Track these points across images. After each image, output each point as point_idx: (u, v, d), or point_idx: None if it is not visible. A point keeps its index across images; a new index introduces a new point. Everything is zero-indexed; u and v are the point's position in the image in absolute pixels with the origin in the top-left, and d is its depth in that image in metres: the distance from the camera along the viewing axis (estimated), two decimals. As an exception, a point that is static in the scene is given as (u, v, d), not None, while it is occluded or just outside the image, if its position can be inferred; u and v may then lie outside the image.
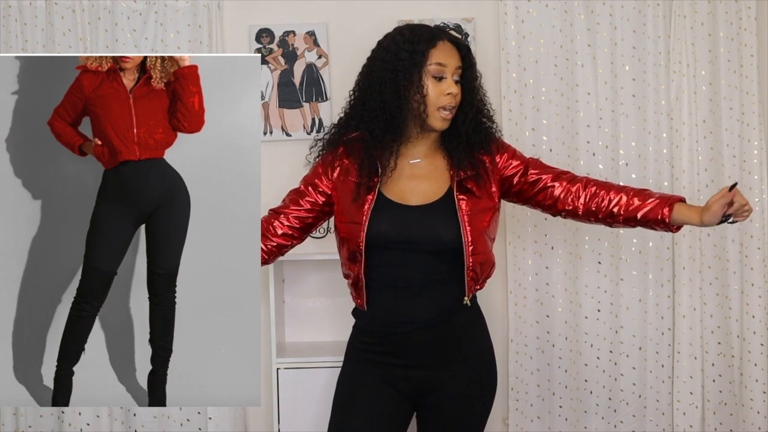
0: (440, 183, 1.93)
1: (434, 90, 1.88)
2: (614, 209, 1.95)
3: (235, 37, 2.81)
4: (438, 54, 1.88)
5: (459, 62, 1.91)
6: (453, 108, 1.90)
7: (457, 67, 1.91)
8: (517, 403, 2.77)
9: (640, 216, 1.93)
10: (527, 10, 2.74)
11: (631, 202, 1.94)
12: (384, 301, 1.93)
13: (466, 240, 1.87)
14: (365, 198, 1.91)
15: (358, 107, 1.95)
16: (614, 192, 1.96)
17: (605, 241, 2.74)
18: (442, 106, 1.89)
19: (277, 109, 2.80)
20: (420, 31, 1.91)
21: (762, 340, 2.71)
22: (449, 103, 1.89)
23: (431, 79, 1.88)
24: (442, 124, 1.91)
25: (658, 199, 1.93)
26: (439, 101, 1.88)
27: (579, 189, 1.98)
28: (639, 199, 1.94)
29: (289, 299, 2.82)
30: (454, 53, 1.91)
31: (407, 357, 1.93)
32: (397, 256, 1.89)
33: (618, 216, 1.95)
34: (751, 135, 2.72)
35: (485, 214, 1.91)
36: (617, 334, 2.76)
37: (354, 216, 1.91)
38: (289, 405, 2.55)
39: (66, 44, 2.71)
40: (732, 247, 2.73)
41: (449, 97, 1.88)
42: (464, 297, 1.92)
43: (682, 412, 2.74)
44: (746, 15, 2.72)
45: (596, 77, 2.74)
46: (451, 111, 1.90)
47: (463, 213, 1.88)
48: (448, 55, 1.90)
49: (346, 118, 2.00)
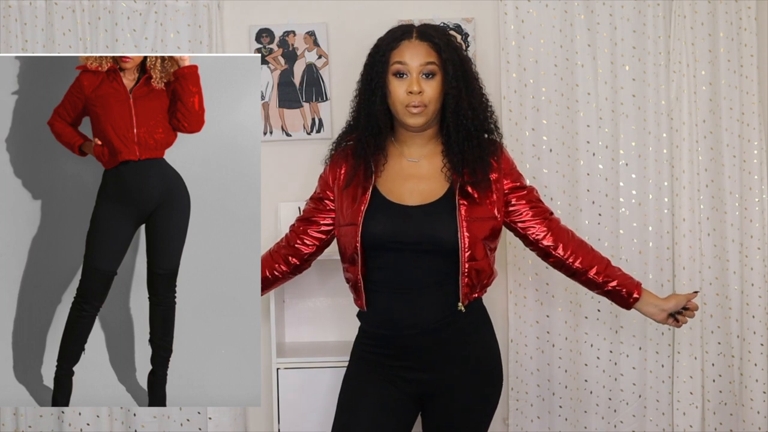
0: (439, 184, 1.92)
1: (398, 89, 1.88)
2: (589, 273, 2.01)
3: (235, 37, 2.81)
4: (399, 53, 1.89)
5: (427, 58, 1.88)
6: (419, 105, 1.88)
7: (423, 63, 1.88)
8: (517, 403, 2.77)
9: (610, 287, 2.00)
10: (527, 10, 2.74)
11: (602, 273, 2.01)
12: (384, 303, 1.92)
13: (463, 245, 1.86)
14: (361, 199, 1.91)
15: (354, 112, 2.00)
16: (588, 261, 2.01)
17: (605, 241, 2.74)
18: (407, 105, 1.88)
19: (277, 109, 2.80)
20: (390, 34, 1.94)
21: (762, 340, 2.71)
22: (411, 100, 1.87)
23: (394, 79, 1.89)
24: (412, 120, 1.89)
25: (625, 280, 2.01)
26: (404, 100, 1.88)
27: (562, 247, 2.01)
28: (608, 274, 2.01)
29: (289, 299, 2.82)
30: (420, 50, 1.89)
31: (409, 359, 1.92)
32: (396, 258, 1.89)
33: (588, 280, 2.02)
34: (751, 135, 2.72)
35: (485, 222, 1.90)
36: (617, 334, 2.76)
37: (351, 218, 1.92)
38: (289, 405, 2.55)
39: (66, 44, 2.71)
40: (732, 247, 2.73)
41: (411, 95, 1.87)
42: (462, 301, 1.90)
43: (682, 412, 2.74)
44: (746, 15, 2.72)
45: (596, 77, 2.74)
46: (421, 107, 1.88)
47: (462, 218, 1.87)
48: (413, 53, 1.89)
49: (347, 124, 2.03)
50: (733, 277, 2.74)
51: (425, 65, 1.88)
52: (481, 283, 1.93)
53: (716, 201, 2.75)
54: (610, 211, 2.75)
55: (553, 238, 1.99)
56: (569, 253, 1.99)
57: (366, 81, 1.94)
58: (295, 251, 2.06)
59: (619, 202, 2.75)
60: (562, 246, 1.99)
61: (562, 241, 1.99)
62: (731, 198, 2.73)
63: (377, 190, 1.93)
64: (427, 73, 1.89)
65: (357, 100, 1.98)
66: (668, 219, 2.73)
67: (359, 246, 1.89)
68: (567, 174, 2.75)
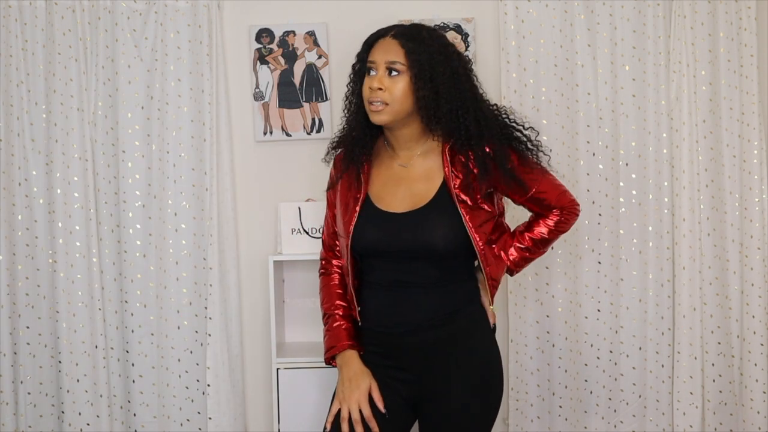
0: (431, 187, 1.92)
1: (365, 85, 1.91)
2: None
3: (235, 37, 2.80)
4: (372, 51, 1.92)
5: (392, 57, 1.88)
6: (381, 102, 1.87)
7: (388, 61, 1.88)
8: (517, 403, 2.77)
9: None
10: (527, 10, 2.74)
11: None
12: (378, 303, 1.93)
13: (478, 248, 1.90)
14: (353, 210, 1.92)
15: (345, 111, 2.04)
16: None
17: (605, 241, 2.74)
18: (370, 101, 1.89)
19: (277, 109, 2.80)
20: (372, 34, 1.96)
21: (762, 340, 2.71)
22: (371, 97, 1.88)
23: (366, 76, 1.92)
24: (374, 117, 1.90)
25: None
26: (367, 96, 1.89)
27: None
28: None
29: (289, 299, 2.82)
30: (388, 48, 1.89)
31: (403, 360, 1.92)
32: (389, 262, 1.90)
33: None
34: (751, 135, 2.72)
35: (488, 225, 1.93)
36: (617, 334, 2.76)
37: (343, 228, 1.93)
38: (289, 405, 2.55)
39: (66, 44, 2.70)
40: (732, 247, 2.73)
41: (371, 91, 1.88)
42: (468, 300, 1.94)
43: (682, 412, 2.74)
44: (746, 15, 2.72)
45: (596, 77, 2.74)
46: (381, 105, 1.87)
47: (469, 224, 1.89)
48: (382, 50, 1.90)
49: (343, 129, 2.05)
50: (733, 277, 2.74)
51: (390, 63, 1.88)
52: (499, 278, 2.01)
53: (716, 201, 2.75)
54: (610, 211, 2.75)
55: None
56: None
57: (352, 81, 1.99)
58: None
59: (619, 202, 2.74)
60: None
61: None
62: (731, 198, 2.73)
63: (368, 197, 1.93)
64: (390, 70, 1.88)
65: (346, 101, 2.02)
66: (668, 219, 2.73)
67: (349, 256, 1.91)
68: (567, 174, 2.74)
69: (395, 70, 1.88)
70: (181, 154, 2.72)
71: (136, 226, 2.74)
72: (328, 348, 1.97)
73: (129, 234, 2.74)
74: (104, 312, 2.73)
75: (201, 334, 2.74)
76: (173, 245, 2.72)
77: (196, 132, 2.73)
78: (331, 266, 2.05)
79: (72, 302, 2.70)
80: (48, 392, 2.76)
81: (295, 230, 2.71)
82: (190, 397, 2.76)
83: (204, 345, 2.72)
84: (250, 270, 2.83)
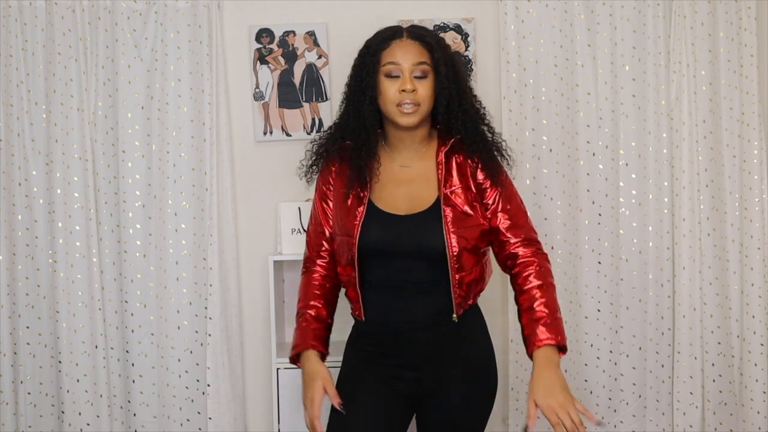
0: (430, 189, 1.91)
1: (390, 89, 1.87)
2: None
3: (235, 37, 2.81)
4: (390, 53, 1.88)
5: (419, 58, 1.87)
6: (413, 104, 1.87)
7: (416, 63, 1.87)
8: (517, 403, 2.77)
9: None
10: (527, 10, 2.74)
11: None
12: (379, 301, 1.93)
13: (451, 254, 1.85)
14: (357, 212, 1.91)
15: (344, 116, 1.98)
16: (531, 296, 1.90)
17: (605, 241, 2.74)
18: (399, 104, 1.87)
19: (277, 109, 2.80)
20: (379, 35, 1.93)
21: (762, 340, 2.71)
22: (403, 99, 1.86)
23: (386, 79, 1.88)
24: (405, 119, 1.88)
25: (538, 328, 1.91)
26: (396, 99, 1.87)
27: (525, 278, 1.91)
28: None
29: (289, 299, 2.82)
30: (412, 49, 1.88)
31: (402, 358, 1.92)
32: (391, 262, 1.90)
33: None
34: (751, 135, 2.72)
35: (473, 230, 1.89)
36: (617, 334, 2.76)
37: (346, 229, 1.92)
38: (289, 405, 2.55)
39: (66, 44, 2.70)
40: (732, 247, 2.73)
41: (404, 94, 1.86)
42: (456, 311, 1.90)
43: (682, 412, 2.74)
44: (746, 15, 2.72)
45: (596, 77, 2.74)
46: (413, 107, 1.87)
47: (448, 227, 1.86)
48: (405, 52, 1.88)
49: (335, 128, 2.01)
50: (733, 277, 2.74)
51: (418, 65, 1.87)
52: (473, 292, 1.93)
53: (716, 201, 2.75)
54: (610, 211, 2.75)
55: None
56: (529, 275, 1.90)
57: (356, 82, 1.93)
58: (331, 274, 2.03)
59: (619, 202, 2.74)
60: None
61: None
62: (731, 198, 2.73)
63: (371, 199, 1.93)
64: (419, 74, 1.88)
65: (345, 102, 1.97)
66: (668, 219, 2.73)
67: (355, 256, 1.90)
68: (567, 174, 2.75)
69: (424, 72, 1.88)
70: (181, 154, 2.72)
71: (136, 226, 2.74)
72: (293, 347, 2.00)
73: (129, 234, 2.74)
74: (104, 312, 2.73)
75: (201, 334, 2.74)
76: (173, 245, 2.72)
77: (196, 132, 2.73)
78: (314, 265, 2.05)
79: (72, 302, 2.70)
80: (48, 392, 2.76)
81: (295, 230, 2.71)
82: (190, 397, 2.76)
83: (204, 345, 2.72)
84: (250, 270, 2.83)
